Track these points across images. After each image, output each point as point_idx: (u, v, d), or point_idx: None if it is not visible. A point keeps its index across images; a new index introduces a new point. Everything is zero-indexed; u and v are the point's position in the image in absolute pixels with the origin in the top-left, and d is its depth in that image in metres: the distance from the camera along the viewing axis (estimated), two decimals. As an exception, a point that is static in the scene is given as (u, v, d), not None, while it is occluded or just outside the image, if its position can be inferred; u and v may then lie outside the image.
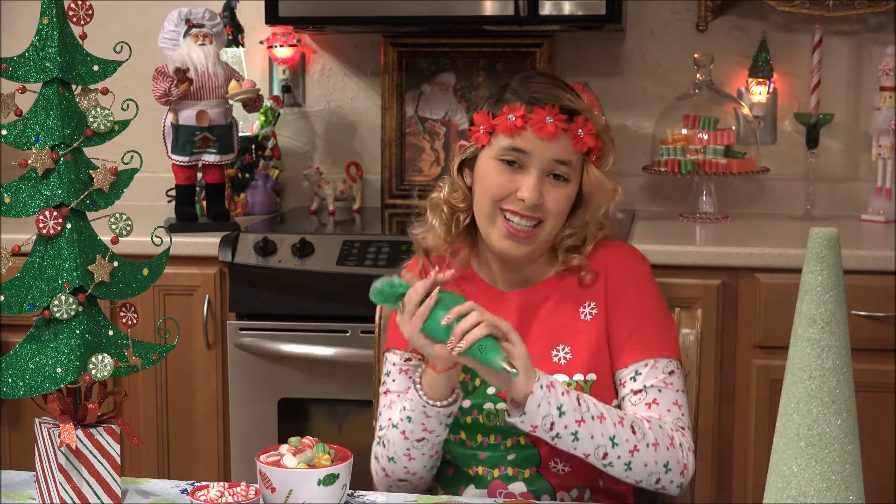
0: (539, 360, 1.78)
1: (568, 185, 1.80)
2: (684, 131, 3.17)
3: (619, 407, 1.81)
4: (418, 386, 1.76)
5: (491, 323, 1.63)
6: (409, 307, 1.66)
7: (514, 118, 1.76)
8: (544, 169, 1.78)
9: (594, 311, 1.83)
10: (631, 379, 1.79)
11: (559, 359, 1.81)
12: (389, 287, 1.68)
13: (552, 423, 1.66)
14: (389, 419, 1.83)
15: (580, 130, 1.77)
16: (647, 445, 1.71)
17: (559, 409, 1.66)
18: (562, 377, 1.79)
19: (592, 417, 1.68)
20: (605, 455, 1.69)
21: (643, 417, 1.75)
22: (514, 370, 1.62)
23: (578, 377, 1.79)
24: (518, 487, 1.80)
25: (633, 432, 1.70)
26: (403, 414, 1.79)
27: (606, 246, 1.87)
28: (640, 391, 1.78)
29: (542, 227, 1.79)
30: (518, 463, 1.81)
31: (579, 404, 1.68)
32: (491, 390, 1.81)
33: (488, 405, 1.81)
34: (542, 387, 1.65)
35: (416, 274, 1.86)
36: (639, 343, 1.80)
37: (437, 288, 1.67)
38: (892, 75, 3.10)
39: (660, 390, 1.78)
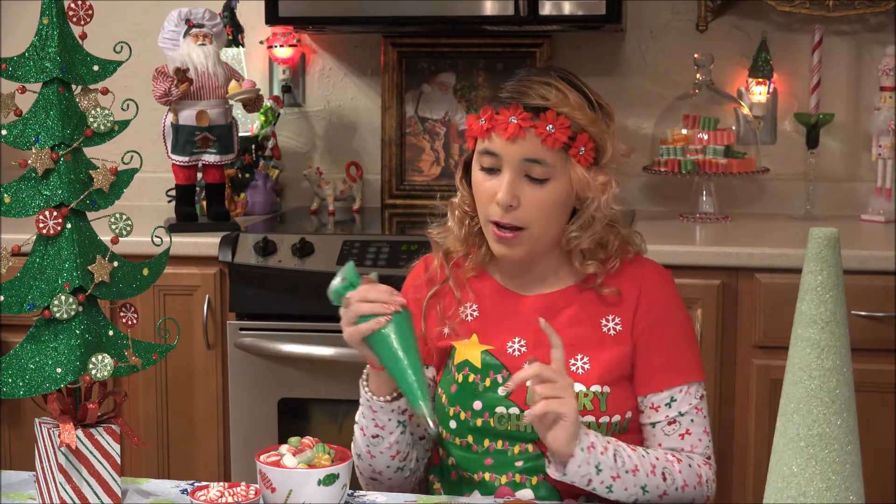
0: None
1: (547, 185, 1.73)
2: (684, 131, 3.17)
3: (644, 433, 1.82)
4: (364, 382, 1.79)
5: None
6: (358, 311, 1.65)
7: (483, 121, 1.75)
8: (517, 170, 1.73)
9: (619, 327, 1.80)
10: (666, 405, 1.78)
11: (577, 368, 1.78)
12: (346, 287, 1.67)
13: (589, 480, 1.68)
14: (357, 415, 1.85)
15: (550, 127, 1.71)
16: (676, 489, 1.74)
17: (597, 467, 1.67)
18: (579, 387, 1.76)
19: (627, 471, 1.69)
20: (636, 501, 1.72)
21: (674, 456, 1.76)
22: (433, 429, 1.62)
23: (595, 388, 1.77)
24: (526, 494, 1.78)
25: (664, 479, 1.72)
26: (360, 410, 1.81)
27: (638, 263, 1.84)
28: (674, 421, 1.78)
29: (526, 231, 1.74)
30: (526, 470, 1.79)
31: (615, 460, 1.69)
32: (503, 391, 1.78)
33: (500, 409, 1.79)
34: (582, 449, 1.66)
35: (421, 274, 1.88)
36: (674, 367, 1.79)
37: (391, 315, 1.65)
38: (892, 75, 3.10)
39: (692, 420, 1.79)
